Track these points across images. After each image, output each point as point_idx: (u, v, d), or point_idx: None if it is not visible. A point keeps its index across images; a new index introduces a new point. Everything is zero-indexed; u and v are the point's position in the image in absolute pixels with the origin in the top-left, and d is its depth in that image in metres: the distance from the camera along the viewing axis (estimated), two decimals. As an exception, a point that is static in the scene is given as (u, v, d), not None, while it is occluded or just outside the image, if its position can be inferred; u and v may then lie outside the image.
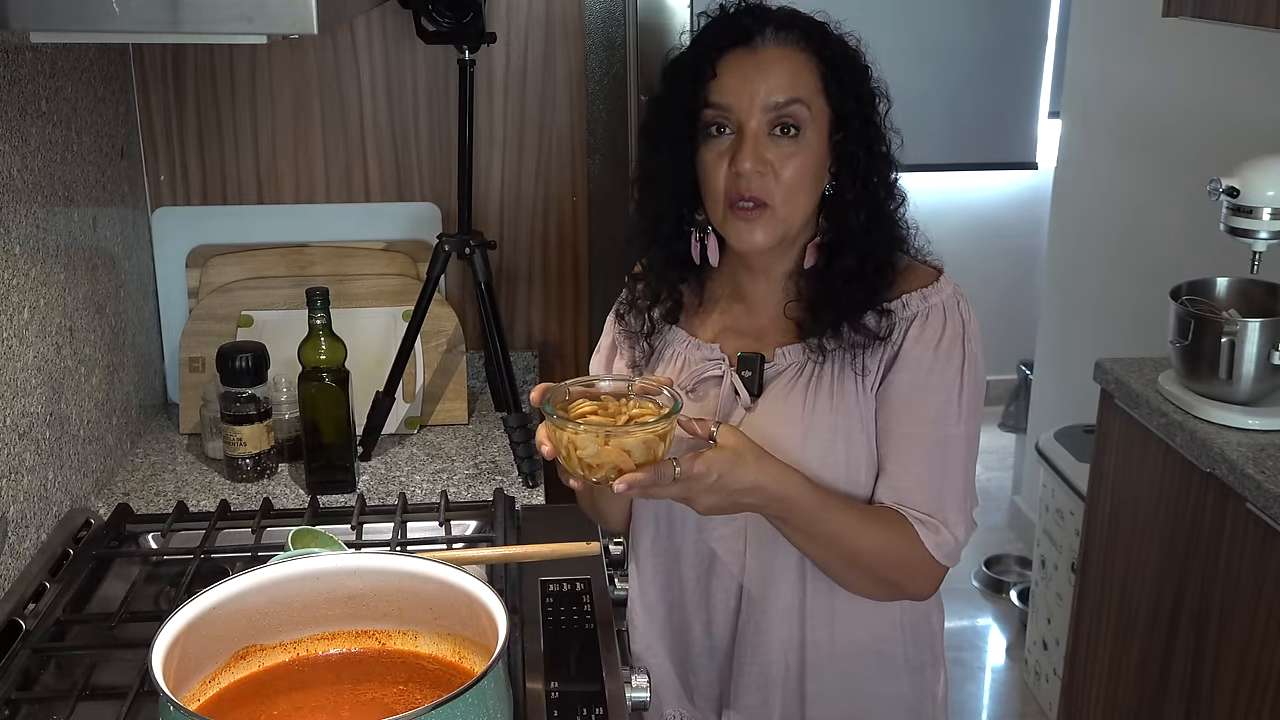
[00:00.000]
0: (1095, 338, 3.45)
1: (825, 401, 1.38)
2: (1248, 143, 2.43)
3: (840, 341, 1.37)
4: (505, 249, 2.28)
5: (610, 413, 1.27)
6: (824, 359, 1.38)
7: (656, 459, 1.23)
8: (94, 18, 1.14)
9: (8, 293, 1.55)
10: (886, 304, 1.38)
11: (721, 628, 1.47)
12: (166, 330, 2.20)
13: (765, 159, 1.33)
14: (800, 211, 1.36)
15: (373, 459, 1.99)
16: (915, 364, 1.36)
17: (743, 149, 1.32)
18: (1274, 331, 2.08)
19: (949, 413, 1.37)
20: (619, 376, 1.41)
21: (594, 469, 1.22)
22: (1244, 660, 2.00)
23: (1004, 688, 3.37)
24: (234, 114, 2.18)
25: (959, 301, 1.39)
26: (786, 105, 1.32)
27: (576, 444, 1.21)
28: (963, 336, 1.37)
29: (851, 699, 1.45)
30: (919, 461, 1.37)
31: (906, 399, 1.37)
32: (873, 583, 1.38)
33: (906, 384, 1.37)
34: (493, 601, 1.05)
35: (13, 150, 1.58)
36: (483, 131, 2.22)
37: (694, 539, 1.46)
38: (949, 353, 1.37)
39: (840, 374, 1.38)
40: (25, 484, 1.58)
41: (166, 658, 0.99)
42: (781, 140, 1.33)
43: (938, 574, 1.39)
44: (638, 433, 1.21)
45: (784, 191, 1.34)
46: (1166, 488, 2.23)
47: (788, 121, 1.33)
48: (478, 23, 1.93)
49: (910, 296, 1.38)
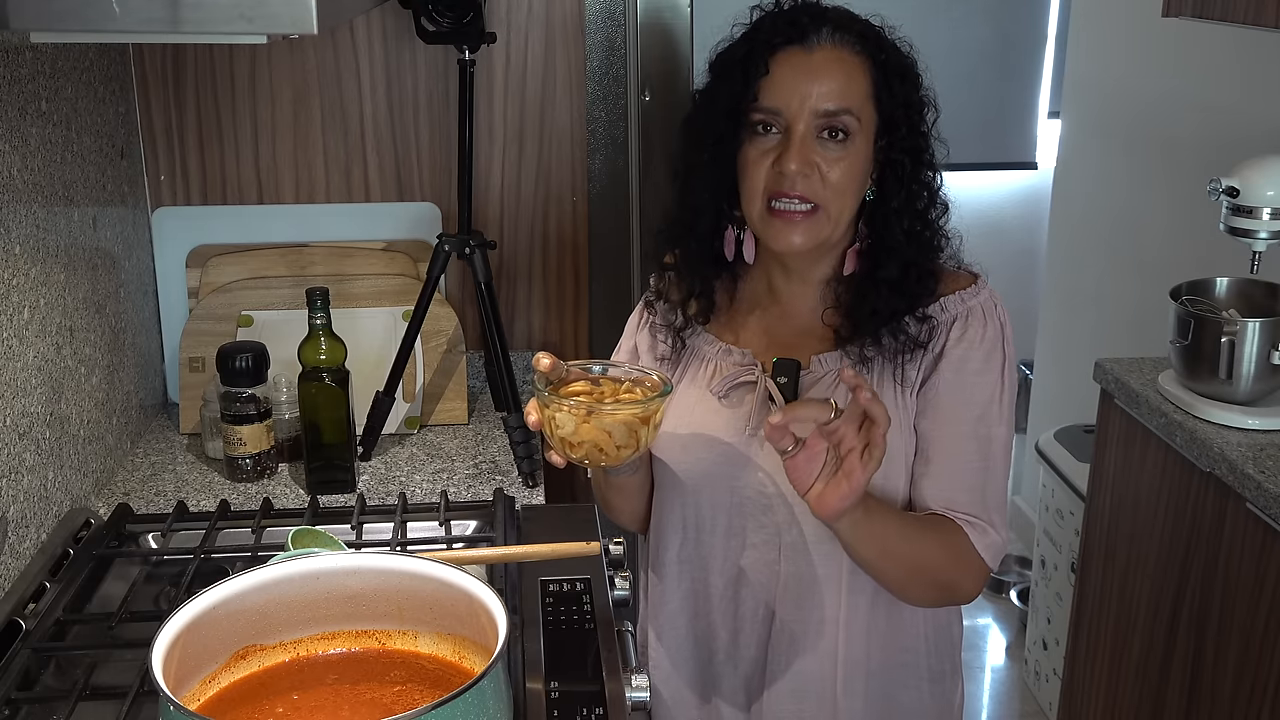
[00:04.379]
0: (1095, 338, 3.45)
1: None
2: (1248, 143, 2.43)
3: (881, 349, 1.36)
4: (505, 249, 2.28)
5: (602, 395, 1.26)
6: (864, 367, 1.37)
7: (640, 442, 1.22)
8: (94, 18, 1.14)
9: (8, 293, 1.55)
10: (925, 310, 1.37)
11: (750, 637, 1.45)
12: (166, 330, 2.20)
13: (812, 161, 1.31)
14: (845, 215, 1.35)
15: (373, 459, 1.99)
16: (959, 364, 1.36)
17: (789, 150, 1.30)
18: (1274, 331, 2.08)
19: (991, 413, 1.36)
20: (619, 363, 1.38)
21: (574, 447, 1.22)
22: (1244, 660, 1.99)
23: (1004, 688, 3.37)
24: (234, 114, 2.18)
25: (996, 305, 1.39)
26: (837, 114, 1.31)
27: (557, 421, 1.21)
28: (1002, 339, 1.37)
29: (879, 710, 1.44)
30: (964, 462, 1.36)
31: (950, 399, 1.36)
32: (931, 590, 1.37)
33: (950, 384, 1.36)
34: (493, 601, 1.05)
35: (13, 150, 1.58)
36: (483, 131, 2.22)
37: (723, 547, 1.44)
38: (990, 354, 1.36)
39: (879, 382, 1.37)
40: (25, 484, 1.58)
41: (166, 658, 0.99)
42: (829, 144, 1.32)
43: (984, 576, 1.37)
44: (621, 412, 1.21)
45: (830, 193, 1.32)
46: (1166, 488, 2.23)
47: (836, 129, 1.31)
48: (478, 23, 1.93)
49: (949, 299, 1.38)
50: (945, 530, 1.35)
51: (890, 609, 1.41)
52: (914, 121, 1.36)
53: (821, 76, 1.31)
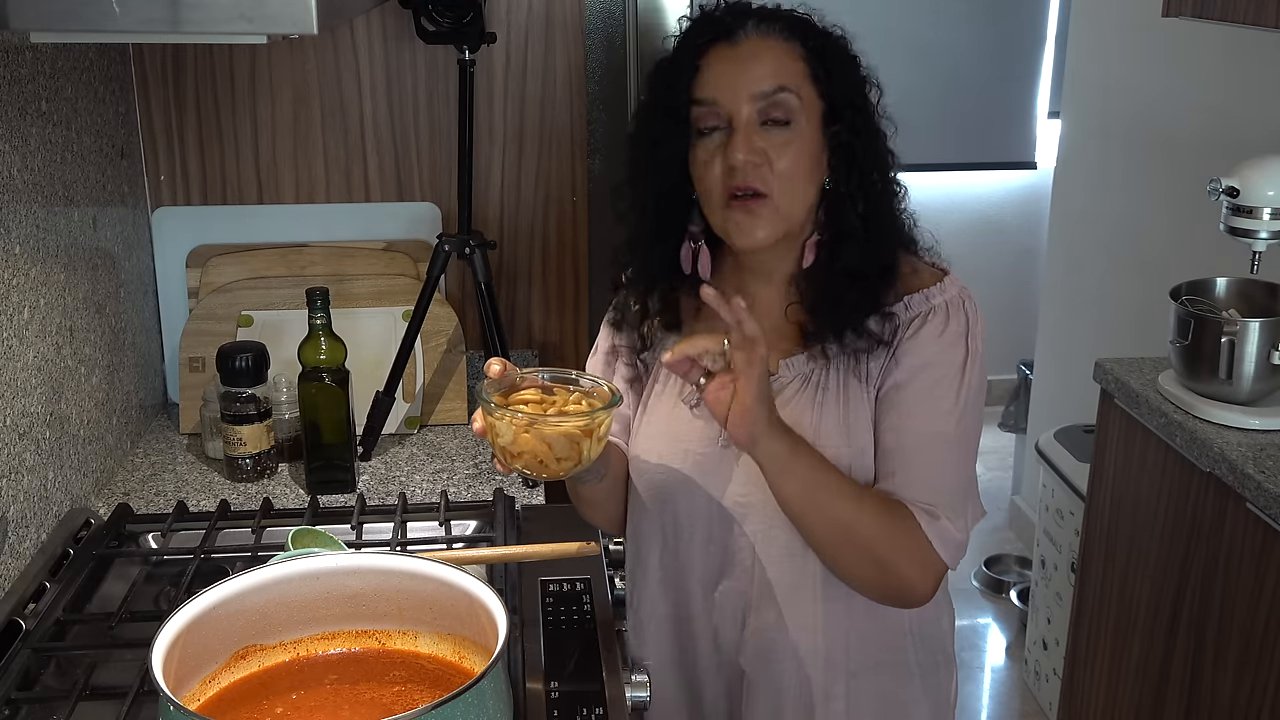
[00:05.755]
0: (1095, 338, 3.45)
1: (833, 412, 1.35)
2: (1247, 143, 2.43)
3: (843, 347, 1.34)
4: (505, 249, 2.28)
5: (551, 404, 1.23)
6: (828, 366, 1.35)
7: (583, 455, 1.20)
8: (94, 18, 1.14)
9: (8, 293, 1.55)
10: (889, 307, 1.34)
11: (729, 641, 1.44)
12: (166, 330, 2.20)
13: (758, 148, 1.29)
14: (800, 203, 1.33)
15: (373, 459, 1.99)
16: (913, 358, 1.33)
17: (734, 140, 1.29)
18: (1274, 331, 2.08)
19: (945, 408, 1.33)
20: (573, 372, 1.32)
21: (514, 457, 1.20)
22: (1244, 660, 1.99)
23: (1004, 688, 3.37)
24: (234, 114, 2.18)
25: (964, 301, 1.36)
26: (774, 94, 1.29)
27: (497, 429, 1.19)
28: (966, 333, 1.34)
29: (868, 709, 1.43)
30: (915, 457, 1.33)
31: (908, 396, 1.33)
32: (869, 567, 1.32)
33: (908, 382, 1.33)
34: (493, 601, 1.05)
35: (13, 150, 1.58)
36: (483, 131, 2.22)
37: (702, 552, 1.42)
38: (950, 346, 1.33)
39: (844, 381, 1.35)
40: (25, 484, 1.58)
41: (166, 658, 0.99)
42: (773, 130, 1.30)
43: (936, 568, 1.32)
44: (564, 424, 1.18)
45: (781, 181, 1.30)
46: (1166, 488, 2.23)
47: (778, 113, 1.29)
48: (478, 23, 1.93)
49: (913, 297, 1.35)
50: (890, 505, 1.31)
51: (869, 610, 1.38)
52: (858, 102, 1.33)
53: (751, 63, 1.30)
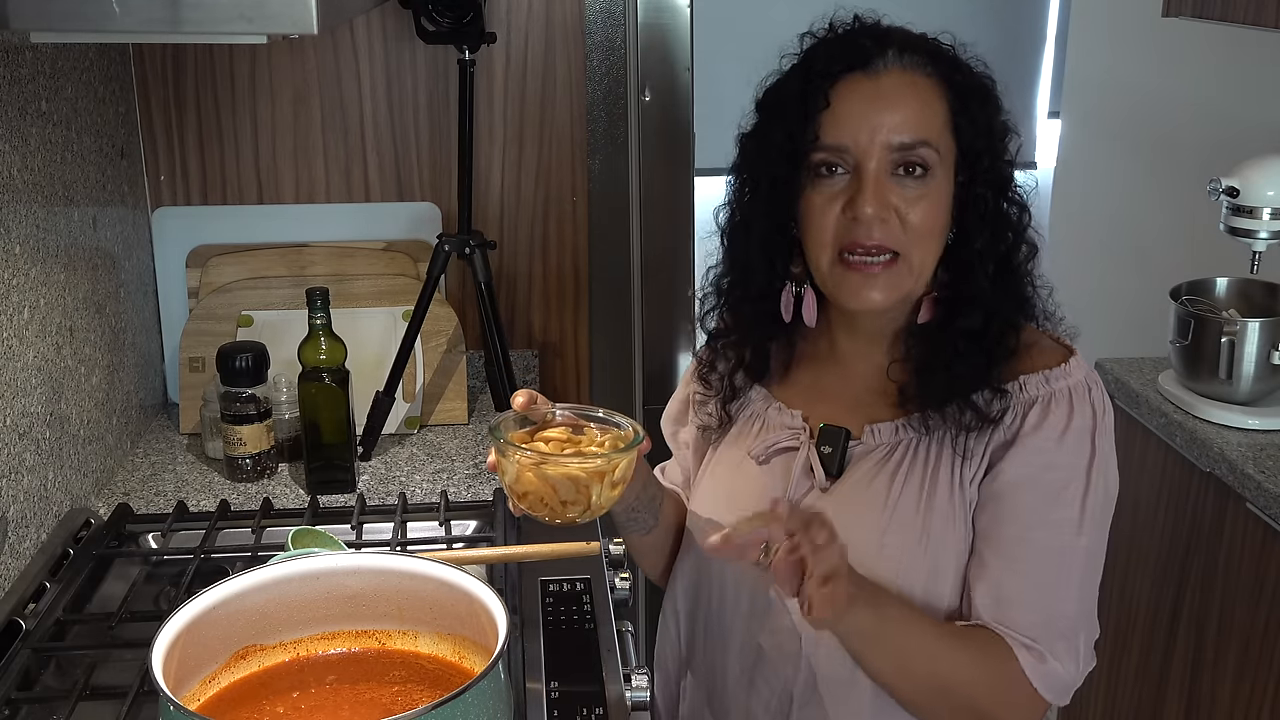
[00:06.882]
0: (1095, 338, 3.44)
1: (914, 492, 1.20)
2: (1248, 143, 2.43)
3: (944, 419, 1.18)
4: (505, 249, 2.28)
5: (574, 444, 1.16)
6: (922, 439, 1.20)
7: (592, 501, 1.11)
8: (94, 18, 1.14)
9: (8, 293, 1.55)
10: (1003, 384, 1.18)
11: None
12: (166, 330, 2.20)
13: (889, 203, 1.15)
14: (930, 262, 1.19)
15: (373, 459, 1.98)
16: (1032, 454, 1.17)
17: (863, 192, 1.14)
18: (1274, 331, 2.08)
19: (1068, 517, 1.17)
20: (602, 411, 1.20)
21: (521, 496, 1.14)
22: (1244, 660, 1.99)
23: (1004, 688, 3.36)
24: (234, 114, 2.18)
25: (1091, 389, 1.20)
26: (914, 148, 1.15)
27: (502, 466, 1.15)
28: (1093, 430, 1.18)
29: None
30: (1028, 572, 1.16)
31: (1020, 494, 1.17)
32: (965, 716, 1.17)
33: (1021, 477, 1.17)
34: (493, 601, 1.05)
35: (13, 150, 1.58)
36: (483, 131, 2.22)
37: (744, 627, 1.29)
38: (1075, 446, 1.17)
39: (936, 461, 1.20)
40: (25, 484, 1.58)
41: (166, 658, 0.99)
42: (906, 181, 1.16)
43: (1040, 709, 1.18)
44: (570, 466, 1.11)
45: (913, 239, 1.16)
46: (1166, 488, 2.23)
47: (914, 161, 1.16)
48: (478, 23, 1.93)
49: (1030, 378, 1.19)
50: (990, 649, 1.15)
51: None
52: (997, 150, 1.21)
53: (892, 105, 1.15)
